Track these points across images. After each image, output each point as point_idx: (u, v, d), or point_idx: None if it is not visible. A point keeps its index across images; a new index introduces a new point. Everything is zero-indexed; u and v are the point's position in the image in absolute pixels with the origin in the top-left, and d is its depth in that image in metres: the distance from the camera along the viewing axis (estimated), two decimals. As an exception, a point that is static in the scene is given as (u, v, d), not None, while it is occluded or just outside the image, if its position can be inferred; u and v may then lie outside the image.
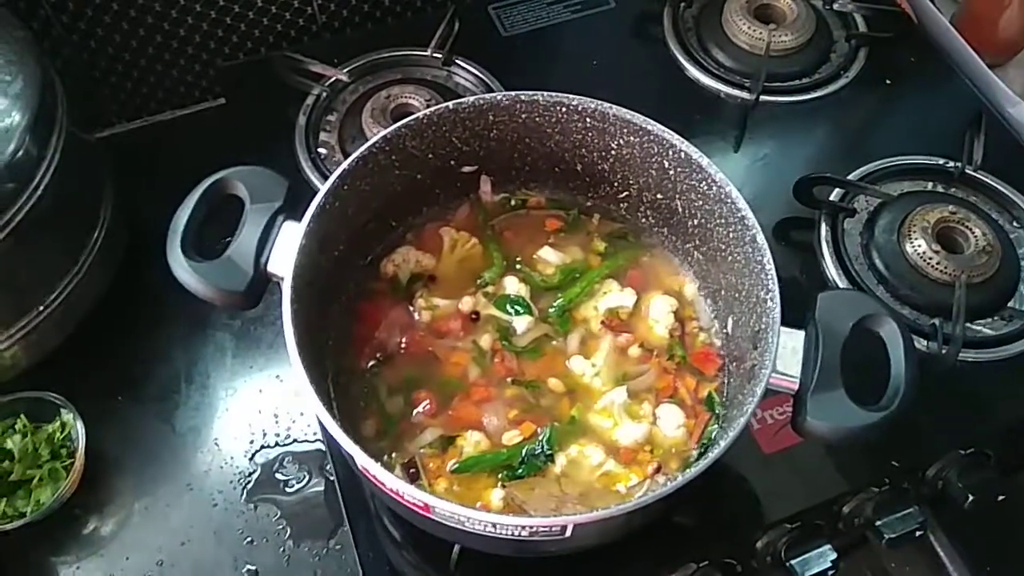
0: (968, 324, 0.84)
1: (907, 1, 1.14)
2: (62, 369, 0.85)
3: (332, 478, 0.81)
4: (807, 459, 0.77)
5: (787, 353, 0.61)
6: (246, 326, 0.92)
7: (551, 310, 0.77)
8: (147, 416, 0.87)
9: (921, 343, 0.82)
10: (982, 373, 0.82)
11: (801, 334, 0.62)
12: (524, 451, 0.69)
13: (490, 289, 0.78)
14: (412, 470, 0.68)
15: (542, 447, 0.69)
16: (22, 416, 0.81)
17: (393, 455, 0.70)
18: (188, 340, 0.91)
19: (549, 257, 0.80)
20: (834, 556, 0.75)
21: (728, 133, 1.00)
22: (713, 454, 0.56)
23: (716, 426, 0.70)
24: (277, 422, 0.86)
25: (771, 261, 0.64)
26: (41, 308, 0.81)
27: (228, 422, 0.86)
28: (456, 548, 0.69)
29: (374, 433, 0.71)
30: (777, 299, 0.62)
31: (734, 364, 0.72)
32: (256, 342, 0.91)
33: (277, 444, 0.85)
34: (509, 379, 0.73)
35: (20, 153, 0.74)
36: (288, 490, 0.82)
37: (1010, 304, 0.87)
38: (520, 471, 0.68)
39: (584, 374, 0.73)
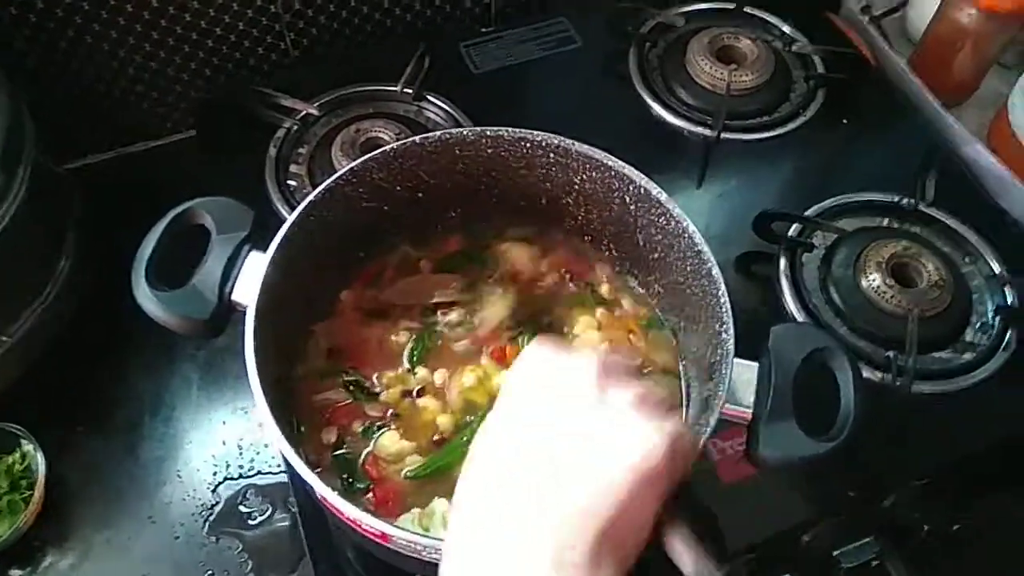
0: (922, 356, 0.86)
1: (866, 44, 1.18)
2: (23, 400, 0.84)
3: (295, 510, 0.81)
4: (766, 489, 0.77)
5: (741, 384, 0.62)
6: (212, 357, 0.92)
7: None
8: (110, 447, 0.86)
9: (876, 375, 0.84)
10: (936, 404, 0.84)
11: (755, 366, 0.63)
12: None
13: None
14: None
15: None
16: (-19, 447, 0.80)
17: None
18: (153, 371, 0.91)
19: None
20: (793, 586, 0.76)
21: (691, 169, 1.03)
22: (668, 483, 0.57)
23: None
24: (241, 454, 0.86)
25: (726, 295, 0.65)
26: (4, 338, 0.81)
27: (192, 454, 0.86)
28: (418, 578, 0.69)
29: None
30: (731, 332, 0.64)
31: (693, 395, 0.73)
32: (222, 374, 0.91)
33: (241, 476, 0.85)
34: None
35: (-14, 184, 0.74)
36: (251, 522, 0.82)
37: (963, 337, 0.89)
38: None
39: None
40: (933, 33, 1.13)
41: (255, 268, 0.66)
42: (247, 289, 0.65)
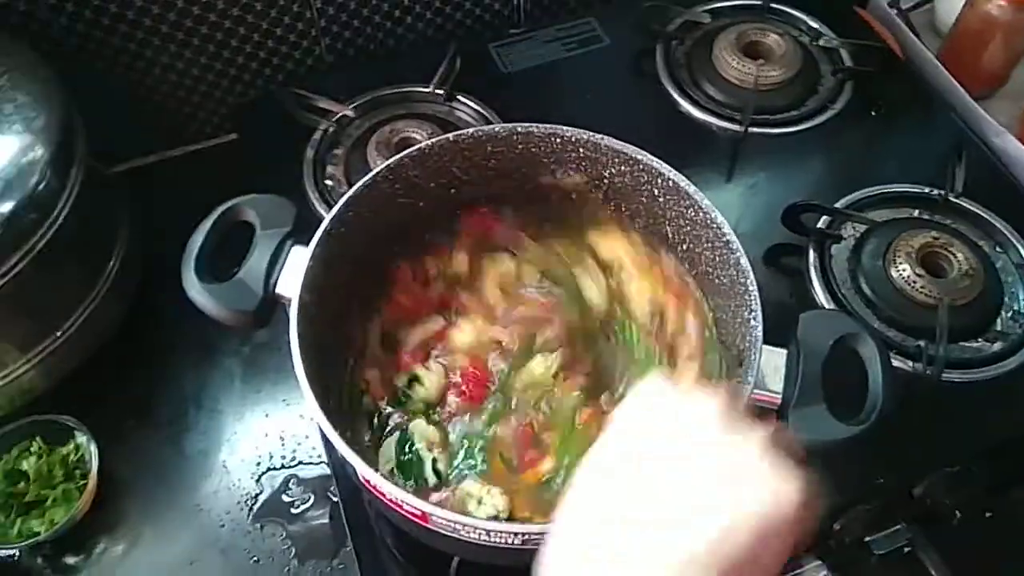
0: (952, 345, 0.86)
1: (894, 37, 1.18)
2: (77, 393, 0.87)
3: (336, 499, 0.84)
4: (797, 476, 0.78)
5: (770, 370, 0.64)
6: (254, 353, 0.95)
7: None
8: (158, 439, 0.89)
9: (907, 364, 0.85)
10: (967, 393, 0.84)
11: (784, 352, 0.65)
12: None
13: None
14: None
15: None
16: (38, 438, 0.84)
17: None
18: (198, 366, 0.94)
19: None
20: (825, 572, 0.77)
21: (720, 164, 1.04)
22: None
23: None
24: (283, 445, 0.89)
25: (754, 283, 0.66)
26: (58, 334, 0.84)
27: (236, 445, 0.89)
28: (455, 561, 0.71)
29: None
30: (760, 319, 0.65)
31: (723, 381, 0.74)
32: (263, 368, 0.94)
33: (283, 467, 0.88)
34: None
35: (42, 186, 0.77)
36: (293, 511, 0.85)
37: (993, 326, 0.89)
38: None
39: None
40: (962, 25, 1.13)
41: (298, 261, 0.69)
42: (291, 281, 0.68)
